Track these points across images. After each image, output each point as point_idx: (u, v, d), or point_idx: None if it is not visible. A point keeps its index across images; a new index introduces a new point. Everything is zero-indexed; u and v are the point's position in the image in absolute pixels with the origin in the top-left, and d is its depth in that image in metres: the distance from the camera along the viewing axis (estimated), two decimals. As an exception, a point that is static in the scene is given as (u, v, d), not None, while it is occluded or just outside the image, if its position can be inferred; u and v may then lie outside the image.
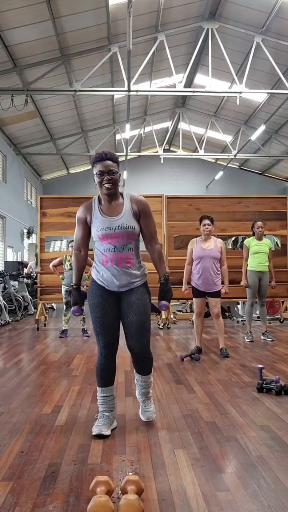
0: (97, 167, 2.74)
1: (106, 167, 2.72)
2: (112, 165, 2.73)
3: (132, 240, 2.77)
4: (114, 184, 2.73)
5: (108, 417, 2.80)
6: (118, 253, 2.74)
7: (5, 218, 16.05)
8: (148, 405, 2.98)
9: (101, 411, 2.83)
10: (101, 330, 2.78)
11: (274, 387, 3.59)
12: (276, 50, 12.16)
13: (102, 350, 2.81)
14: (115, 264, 2.74)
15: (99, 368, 2.83)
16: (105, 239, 2.74)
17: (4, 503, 1.95)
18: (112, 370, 2.85)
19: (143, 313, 2.78)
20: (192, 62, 12.35)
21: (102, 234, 2.73)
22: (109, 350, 2.81)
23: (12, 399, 3.54)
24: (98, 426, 2.72)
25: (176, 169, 22.83)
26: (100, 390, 2.85)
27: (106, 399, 2.83)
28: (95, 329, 2.80)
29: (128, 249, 2.76)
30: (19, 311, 10.03)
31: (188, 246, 5.44)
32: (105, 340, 2.79)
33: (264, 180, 23.41)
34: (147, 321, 2.81)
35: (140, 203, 2.81)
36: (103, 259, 2.78)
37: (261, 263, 6.45)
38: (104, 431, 2.69)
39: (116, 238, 2.73)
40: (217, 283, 5.25)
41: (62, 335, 7.07)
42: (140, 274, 2.83)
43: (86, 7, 10.27)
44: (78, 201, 8.46)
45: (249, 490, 2.05)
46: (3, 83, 11.96)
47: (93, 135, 18.35)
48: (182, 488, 2.08)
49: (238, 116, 17.53)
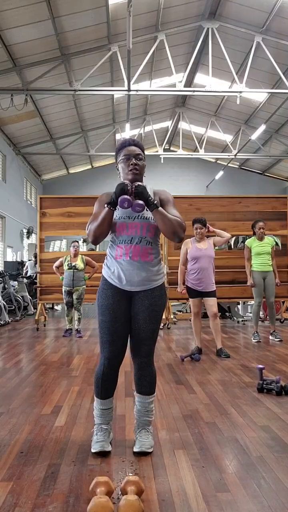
0: (123, 151, 2.54)
1: (133, 151, 2.53)
2: (139, 150, 2.55)
3: (152, 234, 2.50)
4: (140, 171, 2.52)
5: (107, 429, 2.54)
6: (135, 245, 2.45)
7: (5, 218, 16.05)
8: (146, 435, 2.53)
9: (98, 424, 2.55)
10: (108, 338, 2.46)
11: (274, 388, 3.58)
12: (276, 50, 12.15)
13: (106, 360, 2.48)
14: (130, 257, 2.45)
15: (101, 379, 2.50)
16: (122, 230, 2.48)
17: (4, 504, 1.95)
18: (115, 381, 2.55)
19: (155, 320, 2.50)
20: (192, 62, 12.34)
21: (120, 223, 2.48)
22: (114, 361, 2.49)
23: (12, 399, 3.54)
24: (99, 442, 2.48)
25: (176, 169, 22.82)
26: (99, 402, 2.54)
27: (105, 412, 2.55)
28: (102, 335, 2.49)
29: (146, 242, 2.48)
30: (19, 311, 10.03)
31: (182, 247, 5.44)
32: (112, 350, 2.47)
33: (264, 180, 23.40)
34: (157, 330, 2.54)
35: (163, 194, 2.60)
36: (117, 253, 2.49)
37: (264, 263, 6.42)
38: (106, 447, 2.46)
39: (135, 228, 2.47)
40: (213, 283, 5.27)
41: (66, 334, 7.17)
42: (157, 271, 2.52)
43: (86, 6, 10.27)
44: (78, 201, 8.46)
45: (249, 490, 2.05)
46: (3, 82, 11.95)
47: (93, 135, 18.34)
48: (182, 488, 2.07)
49: (238, 116, 17.52)
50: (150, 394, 2.57)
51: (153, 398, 2.59)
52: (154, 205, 2.40)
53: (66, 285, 7.17)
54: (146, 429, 2.56)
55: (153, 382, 2.57)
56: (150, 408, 2.58)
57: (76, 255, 7.24)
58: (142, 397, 2.56)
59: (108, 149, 19.62)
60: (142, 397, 2.56)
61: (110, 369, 2.49)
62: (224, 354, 5.18)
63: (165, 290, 2.59)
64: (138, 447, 2.48)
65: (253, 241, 6.55)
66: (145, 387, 2.55)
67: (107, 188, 2.93)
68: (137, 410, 2.59)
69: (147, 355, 2.53)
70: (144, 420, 2.57)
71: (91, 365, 4.81)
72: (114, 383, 2.55)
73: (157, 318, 2.52)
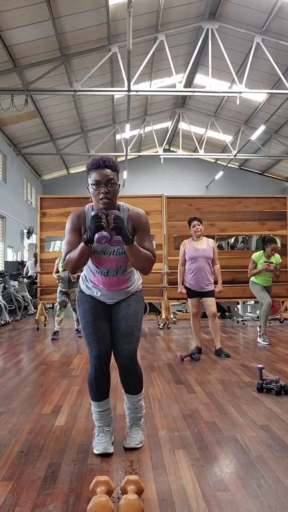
0: (93, 176, 2.35)
1: (104, 177, 2.33)
2: (111, 174, 2.35)
3: (127, 262, 2.48)
4: (112, 198, 2.36)
5: (109, 431, 2.54)
6: (111, 278, 2.49)
7: (5, 218, 16.06)
8: (136, 431, 2.59)
9: (99, 427, 2.55)
10: (94, 336, 2.47)
11: (274, 387, 3.59)
12: (276, 50, 12.17)
13: (95, 360, 2.48)
14: (107, 288, 2.52)
15: (94, 382, 2.50)
16: (98, 262, 2.47)
17: (4, 503, 1.95)
18: (108, 382, 2.55)
19: (133, 319, 2.52)
20: (192, 62, 12.35)
21: (95, 257, 2.46)
22: (103, 360, 2.48)
23: (12, 399, 3.54)
24: (101, 443, 2.47)
25: (176, 169, 22.83)
26: (96, 405, 2.53)
27: (103, 414, 2.54)
28: (87, 336, 2.50)
29: (122, 272, 2.51)
30: (19, 311, 10.04)
31: (180, 247, 5.45)
32: (99, 347, 2.46)
33: (264, 180, 23.41)
34: (136, 329, 2.53)
35: (137, 219, 2.46)
36: (94, 279, 2.54)
37: (267, 279, 6.36)
38: (109, 449, 2.45)
39: (110, 262, 2.46)
40: (210, 283, 5.28)
41: (55, 336, 6.79)
42: (131, 283, 2.58)
43: (86, 7, 10.27)
44: (78, 201, 8.46)
45: (249, 490, 2.05)
46: (3, 83, 11.96)
47: (93, 135, 18.35)
48: (182, 488, 2.08)
49: (238, 116, 17.53)
50: (137, 393, 2.61)
51: (141, 396, 2.63)
52: (130, 241, 2.34)
53: (62, 287, 7.04)
54: (137, 423, 2.63)
55: (139, 383, 2.60)
56: (139, 405, 2.64)
57: None
58: (130, 396, 2.61)
59: (108, 149, 19.64)
60: (130, 396, 2.61)
61: (101, 368, 2.49)
62: (224, 354, 5.19)
63: (141, 295, 2.64)
64: (127, 443, 2.54)
65: (261, 257, 6.33)
66: (131, 387, 2.59)
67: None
68: (127, 407, 2.65)
69: (129, 356, 2.50)
70: (134, 416, 2.63)
71: (91, 365, 4.82)
72: (108, 382, 2.55)
73: (136, 316, 2.54)
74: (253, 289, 6.48)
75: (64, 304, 7.07)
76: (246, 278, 6.62)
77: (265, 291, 6.38)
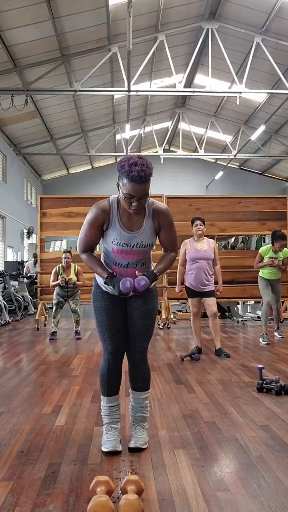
0: (128, 187, 2.26)
1: (140, 193, 2.28)
2: (147, 187, 2.30)
3: (147, 254, 2.55)
4: (141, 208, 2.40)
5: (117, 429, 2.55)
6: (131, 269, 2.50)
7: (5, 218, 16.05)
8: (140, 432, 2.57)
9: (107, 423, 2.56)
10: (109, 333, 2.52)
11: (274, 387, 3.59)
12: (276, 50, 12.15)
13: (110, 355, 2.53)
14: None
15: (106, 376, 2.54)
16: (119, 254, 2.48)
17: (4, 503, 1.95)
18: (119, 377, 2.59)
19: (149, 317, 2.57)
20: (192, 62, 12.34)
21: (117, 249, 2.47)
22: (117, 356, 2.54)
23: (12, 399, 3.54)
24: (110, 441, 2.48)
25: (176, 169, 22.81)
26: (106, 399, 2.56)
27: (112, 409, 2.56)
28: (102, 333, 2.54)
29: (141, 264, 2.53)
30: (19, 311, 10.04)
31: (181, 247, 5.45)
32: (114, 344, 2.52)
33: (264, 180, 23.40)
34: (151, 327, 2.60)
35: (163, 216, 2.49)
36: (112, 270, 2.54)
37: (273, 273, 6.38)
38: (118, 447, 2.46)
39: (132, 255, 2.48)
40: (211, 282, 5.29)
41: (52, 337, 6.76)
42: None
43: (86, 7, 10.27)
44: (78, 201, 8.47)
45: (249, 490, 2.05)
46: (3, 83, 11.96)
47: (93, 135, 18.35)
48: (182, 488, 2.08)
49: (238, 116, 17.52)
50: (145, 390, 2.62)
51: (147, 394, 2.64)
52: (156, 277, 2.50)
53: (60, 294, 6.98)
54: (141, 425, 2.60)
55: (148, 378, 2.63)
56: (145, 404, 2.63)
57: (68, 267, 6.98)
58: (137, 393, 2.61)
59: (108, 149, 19.62)
60: (137, 393, 2.61)
61: (114, 364, 2.54)
62: (224, 353, 5.19)
63: (156, 291, 2.68)
64: (132, 442, 2.52)
65: (268, 251, 6.35)
66: (139, 383, 2.61)
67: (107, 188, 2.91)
68: (132, 407, 2.64)
69: (141, 351, 2.58)
70: (139, 416, 2.61)
71: (91, 365, 4.82)
72: (119, 378, 2.59)
73: (151, 315, 2.59)
74: (259, 285, 6.53)
75: (60, 305, 7.02)
76: (246, 278, 6.64)
77: (269, 288, 6.41)
